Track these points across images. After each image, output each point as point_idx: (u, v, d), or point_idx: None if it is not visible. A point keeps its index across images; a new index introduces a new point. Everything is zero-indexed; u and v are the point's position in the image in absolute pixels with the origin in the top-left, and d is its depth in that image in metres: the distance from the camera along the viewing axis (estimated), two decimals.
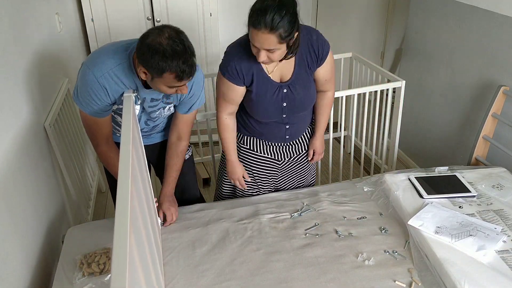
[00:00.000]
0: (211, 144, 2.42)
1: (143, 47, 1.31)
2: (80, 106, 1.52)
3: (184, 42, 1.32)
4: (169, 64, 1.30)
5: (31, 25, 1.99)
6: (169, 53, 1.29)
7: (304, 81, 1.66)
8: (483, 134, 2.23)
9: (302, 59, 1.62)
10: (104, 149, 1.63)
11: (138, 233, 0.95)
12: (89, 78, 1.44)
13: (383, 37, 4.27)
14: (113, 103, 1.53)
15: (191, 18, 3.31)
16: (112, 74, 1.44)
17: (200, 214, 1.81)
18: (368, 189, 1.96)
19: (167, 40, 1.29)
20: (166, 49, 1.28)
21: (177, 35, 1.32)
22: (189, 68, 1.34)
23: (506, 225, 1.64)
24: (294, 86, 1.66)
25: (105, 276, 1.48)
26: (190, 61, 1.34)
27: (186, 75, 1.35)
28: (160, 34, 1.30)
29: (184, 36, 1.35)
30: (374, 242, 1.64)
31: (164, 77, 1.34)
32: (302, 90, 1.67)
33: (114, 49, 1.47)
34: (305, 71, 1.65)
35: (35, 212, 1.70)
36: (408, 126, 3.08)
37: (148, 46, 1.29)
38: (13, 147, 1.55)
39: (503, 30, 2.15)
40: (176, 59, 1.30)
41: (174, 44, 1.29)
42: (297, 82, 1.65)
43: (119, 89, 1.49)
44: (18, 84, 1.71)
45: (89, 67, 1.45)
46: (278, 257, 1.58)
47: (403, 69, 3.09)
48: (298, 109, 1.73)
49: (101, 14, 3.14)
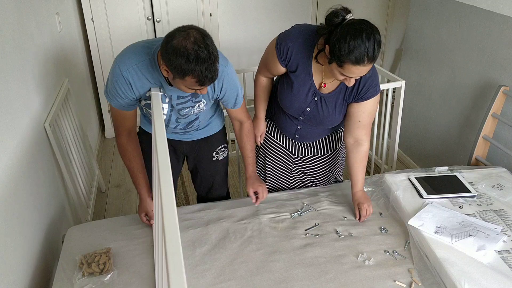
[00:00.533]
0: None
1: (168, 48, 1.32)
2: (107, 99, 1.58)
3: (209, 48, 1.33)
4: (192, 68, 1.31)
5: (31, 25, 1.99)
6: (193, 57, 1.30)
7: (335, 103, 1.65)
8: (483, 134, 2.23)
9: (345, 86, 1.59)
10: (124, 141, 1.68)
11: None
12: (115, 71, 1.49)
13: (383, 37, 4.25)
14: (138, 99, 1.57)
15: (191, 18, 3.31)
16: (136, 69, 1.48)
17: (200, 214, 1.81)
18: (368, 189, 1.95)
19: (192, 45, 1.30)
20: (190, 53, 1.29)
21: (203, 39, 1.33)
22: (211, 74, 1.35)
23: (506, 225, 1.64)
24: (325, 103, 1.65)
25: (105, 276, 1.48)
26: (213, 67, 1.35)
27: (208, 81, 1.37)
28: (186, 38, 1.30)
29: (210, 40, 1.35)
30: (374, 242, 1.64)
31: (186, 80, 1.36)
32: (329, 108, 1.66)
33: (141, 45, 1.51)
34: (341, 97, 1.64)
35: (35, 212, 1.70)
36: (408, 126, 3.08)
37: (173, 48, 1.30)
38: (13, 147, 1.55)
39: (503, 30, 2.15)
40: (199, 64, 1.31)
41: (199, 50, 1.30)
42: (331, 100, 1.65)
43: (143, 84, 1.52)
44: (18, 84, 1.71)
45: (117, 61, 1.50)
46: (278, 257, 1.58)
47: (403, 69, 3.09)
48: (316, 121, 1.73)
49: (101, 14, 3.14)
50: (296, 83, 1.63)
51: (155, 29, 3.30)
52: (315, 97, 1.65)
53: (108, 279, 1.47)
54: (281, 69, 1.65)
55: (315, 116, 1.70)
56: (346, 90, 1.62)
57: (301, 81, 1.62)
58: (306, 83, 1.62)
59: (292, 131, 1.84)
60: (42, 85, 2.03)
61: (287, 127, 1.84)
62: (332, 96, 1.64)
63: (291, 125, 1.81)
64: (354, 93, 1.61)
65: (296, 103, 1.68)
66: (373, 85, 1.58)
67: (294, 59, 1.58)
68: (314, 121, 1.73)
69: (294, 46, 1.56)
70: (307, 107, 1.68)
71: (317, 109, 1.67)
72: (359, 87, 1.58)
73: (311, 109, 1.68)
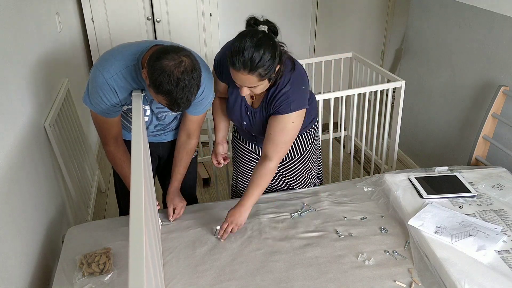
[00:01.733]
0: (211, 144, 2.42)
1: (156, 64, 1.31)
2: (90, 107, 1.56)
3: (192, 81, 1.33)
4: (169, 91, 1.31)
5: (31, 25, 1.99)
6: (174, 83, 1.30)
7: (264, 116, 1.65)
8: (483, 134, 2.23)
9: (265, 98, 1.59)
10: (112, 148, 1.67)
11: (148, 233, 0.95)
12: (99, 80, 1.47)
13: (383, 37, 4.27)
14: (122, 104, 1.56)
15: (191, 18, 3.31)
16: (121, 75, 1.47)
17: (200, 214, 1.81)
18: (368, 189, 1.96)
19: (179, 73, 1.30)
20: (173, 78, 1.29)
21: (191, 72, 1.33)
22: (183, 105, 1.35)
23: (506, 225, 1.64)
24: (255, 117, 1.67)
25: (105, 276, 1.48)
26: (187, 98, 1.34)
27: (176, 109, 1.37)
28: (177, 65, 1.30)
29: (197, 74, 1.35)
30: (374, 242, 1.64)
31: (158, 96, 1.36)
32: (260, 123, 1.67)
33: (122, 51, 1.50)
34: (265, 110, 1.63)
35: (35, 212, 1.70)
36: (408, 126, 3.08)
37: (162, 67, 1.30)
38: (13, 147, 1.55)
39: (503, 30, 2.15)
40: (176, 91, 1.31)
41: (183, 79, 1.31)
42: (259, 115, 1.66)
43: (128, 90, 1.52)
44: (18, 84, 1.71)
45: (99, 69, 1.48)
46: (278, 257, 1.58)
47: (403, 69, 3.09)
48: (255, 131, 1.75)
49: (101, 14, 3.14)
50: (230, 98, 1.68)
51: (155, 29, 3.30)
52: (248, 112, 1.68)
53: (108, 279, 1.47)
54: (222, 85, 1.69)
55: (252, 129, 1.74)
56: (265, 102, 1.61)
57: (234, 96, 1.67)
58: (237, 98, 1.67)
59: (248, 136, 1.85)
60: (42, 85, 2.03)
61: (244, 133, 1.86)
62: (259, 110, 1.65)
63: (241, 128, 1.81)
64: (267, 105, 1.60)
65: (234, 117, 1.74)
66: (286, 102, 1.53)
67: (226, 71, 1.58)
68: (254, 130, 1.75)
69: (222, 58, 1.58)
70: (243, 121, 1.72)
71: (250, 123, 1.71)
72: (273, 100, 1.56)
73: (247, 123, 1.72)
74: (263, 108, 1.63)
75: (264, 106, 1.62)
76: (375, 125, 2.66)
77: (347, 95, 2.44)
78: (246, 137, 1.89)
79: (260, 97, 1.63)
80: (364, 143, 2.71)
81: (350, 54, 3.00)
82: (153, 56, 1.33)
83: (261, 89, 1.49)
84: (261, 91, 1.51)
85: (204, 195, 2.97)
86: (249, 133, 1.80)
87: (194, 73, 1.34)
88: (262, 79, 1.41)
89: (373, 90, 2.49)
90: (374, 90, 2.49)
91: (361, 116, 2.73)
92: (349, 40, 4.17)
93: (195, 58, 1.38)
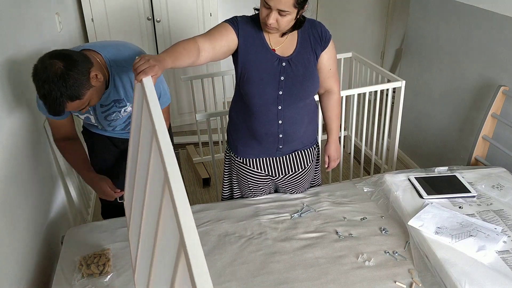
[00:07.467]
0: (211, 144, 2.41)
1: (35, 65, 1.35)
2: (40, 109, 1.59)
3: (66, 81, 1.32)
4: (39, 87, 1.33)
5: (31, 25, 1.98)
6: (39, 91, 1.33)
7: (305, 61, 1.62)
8: (483, 134, 2.23)
9: (305, 39, 1.62)
10: (62, 144, 1.72)
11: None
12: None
13: (383, 37, 4.27)
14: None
15: (191, 18, 3.31)
16: None
17: (200, 214, 1.81)
18: (368, 190, 1.95)
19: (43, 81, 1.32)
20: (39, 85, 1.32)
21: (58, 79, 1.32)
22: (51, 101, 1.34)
23: (506, 226, 1.63)
24: (295, 63, 1.61)
25: (105, 277, 1.48)
26: (52, 96, 1.33)
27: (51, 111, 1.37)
28: (51, 65, 1.31)
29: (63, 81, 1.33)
30: (374, 242, 1.64)
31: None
32: (302, 69, 1.61)
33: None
34: (308, 52, 1.63)
35: (34, 213, 1.70)
36: (408, 126, 3.08)
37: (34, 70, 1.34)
38: (13, 147, 1.55)
39: (503, 30, 2.15)
40: (37, 80, 1.33)
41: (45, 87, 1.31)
42: (298, 59, 1.61)
43: None
44: (18, 84, 1.71)
45: None
46: (278, 258, 1.57)
47: (403, 69, 3.09)
48: (296, 88, 1.62)
49: (101, 14, 3.14)
50: (258, 58, 1.59)
51: (155, 29, 3.29)
52: (283, 63, 1.60)
53: (108, 281, 1.47)
54: (230, 39, 1.56)
55: (293, 81, 1.61)
56: (310, 45, 1.63)
57: (261, 54, 1.59)
58: (266, 53, 1.59)
59: (275, 131, 1.67)
60: None
61: (269, 133, 1.69)
62: (297, 55, 1.62)
63: (272, 122, 1.66)
64: (318, 40, 1.63)
65: (268, 76, 1.59)
66: (324, 28, 1.66)
67: (245, 30, 1.59)
68: (294, 88, 1.62)
69: (242, 20, 1.61)
70: (281, 76, 1.60)
71: (292, 73, 1.61)
72: (319, 32, 1.63)
73: (285, 76, 1.60)
74: (310, 48, 1.63)
75: (311, 45, 1.63)
76: (375, 125, 2.65)
77: (347, 95, 2.43)
78: (271, 135, 1.70)
79: (291, 46, 1.62)
80: (364, 143, 2.71)
81: (350, 54, 3.00)
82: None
83: (287, 22, 1.48)
84: (286, 25, 1.50)
85: (204, 195, 2.97)
86: (283, 100, 1.63)
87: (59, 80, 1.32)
88: (295, 6, 1.44)
89: (373, 90, 2.48)
90: (374, 90, 2.49)
91: (361, 116, 2.72)
92: (349, 40, 4.17)
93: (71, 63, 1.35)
